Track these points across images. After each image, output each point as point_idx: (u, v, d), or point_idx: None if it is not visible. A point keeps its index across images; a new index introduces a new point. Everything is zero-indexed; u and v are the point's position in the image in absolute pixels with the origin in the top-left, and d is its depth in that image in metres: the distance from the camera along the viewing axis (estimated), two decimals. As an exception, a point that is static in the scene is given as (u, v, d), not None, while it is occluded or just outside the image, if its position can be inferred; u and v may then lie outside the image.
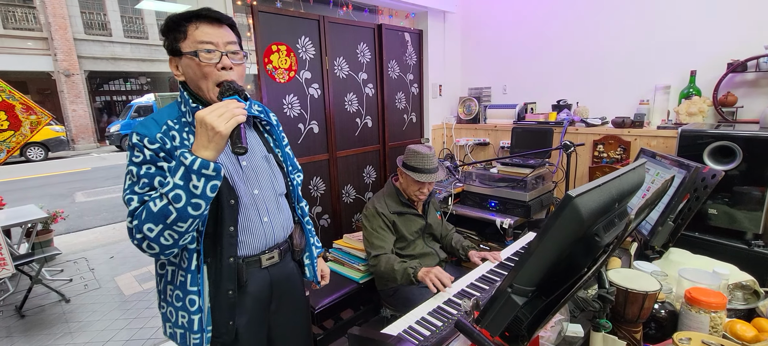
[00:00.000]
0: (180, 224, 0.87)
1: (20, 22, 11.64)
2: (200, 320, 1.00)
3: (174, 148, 0.95)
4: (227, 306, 1.04)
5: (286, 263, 1.20)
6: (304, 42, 2.34)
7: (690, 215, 1.39)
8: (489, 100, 3.33)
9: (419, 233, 1.95)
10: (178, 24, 0.97)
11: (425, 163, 1.80)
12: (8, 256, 2.22)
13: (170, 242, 0.89)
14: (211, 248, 1.02)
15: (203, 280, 1.01)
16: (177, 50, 0.98)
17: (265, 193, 1.11)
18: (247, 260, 1.08)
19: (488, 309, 0.69)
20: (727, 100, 2.13)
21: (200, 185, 0.86)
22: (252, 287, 1.10)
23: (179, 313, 1.02)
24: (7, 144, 1.94)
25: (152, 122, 0.97)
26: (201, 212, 0.88)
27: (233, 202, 1.02)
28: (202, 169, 0.85)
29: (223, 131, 0.85)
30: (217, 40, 0.97)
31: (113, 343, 2.52)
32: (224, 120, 0.85)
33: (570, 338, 0.97)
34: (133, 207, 0.90)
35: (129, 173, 0.94)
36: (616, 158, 2.46)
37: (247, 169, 1.08)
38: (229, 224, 1.01)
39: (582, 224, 0.57)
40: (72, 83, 12.36)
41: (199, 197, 0.86)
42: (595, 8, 2.65)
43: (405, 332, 1.18)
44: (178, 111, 1.02)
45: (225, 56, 0.97)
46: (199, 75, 0.97)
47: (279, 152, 1.20)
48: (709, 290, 1.01)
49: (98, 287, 3.31)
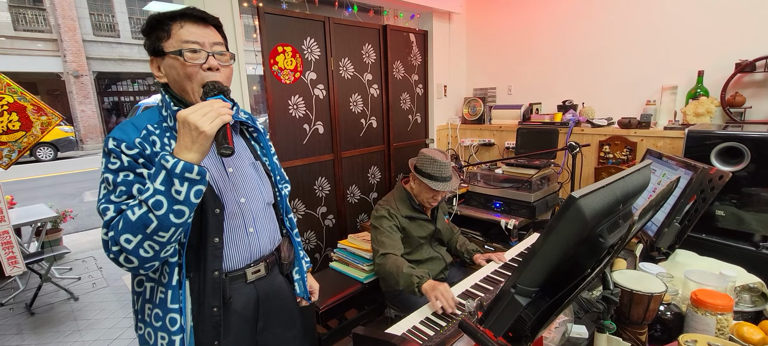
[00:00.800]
0: (161, 234, 0.80)
1: (30, 23, 11.82)
2: (182, 340, 0.91)
3: (154, 154, 0.88)
4: (212, 325, 0.95)
5: (273, 277, 1.11)
6: (309, 43, 2.35)
7: (696, 217, 1.38)
8: (494, 100, 3.32)
9: (427, 239, 1.94)
10: (162, 23, 0.91)
11: (442, 171, 1.74)
12: (19, 254, 2.26)
13: (150, 254, 0.81)
14: (194, 261, 0.94)
15: (185, 296, 0.92)
16: (159, 50, 0.91)
17: (253, 202, 1.03)
18: (230, 274, 0.99)
19: (492, 310, 0.69)
20: (735, 101, 2.11)
21: (183, 190, 0.78)
22: (237, 303, 1.00)
23: (159, 334, 0.92)
24: (18, 144, 1.97)
25: (130, 126, 0.90)
26: (184, 220, 0.81)
27: (218, 211, 0.94)
28: (185, 172, 0.78)
29: (208, 131, 0.79)
30: (202, 39, 0.92)
31: (120, 341, 2.55)
32: (209, 119, 0.79)
33: (574, 339, 0.97)
34: (108, 217, 0.82)
35: (104, 182, 0.86)
36: (623, 159, 2.45)
37: (233, 177, 1.00)
38: (213, 235, 0.94)
39: (586, 225, 0.58)
40: (81, 84, 12.52)
41: (182, 204, 0.79)
42: (601, 8, 2.63)
43: (409, 332, 1.19)
44: (159, 115, 0.96)
45: (211, 57, 0.92)
46: (183, 76, 0.91)
47: (266, 160, 1.14)
48: (715, 292, 1.01)
49: (106, 286, 3.35)
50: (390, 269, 1.65)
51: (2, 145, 1.94)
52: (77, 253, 4.13)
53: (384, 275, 1.74)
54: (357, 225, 2.82)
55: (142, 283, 0.96)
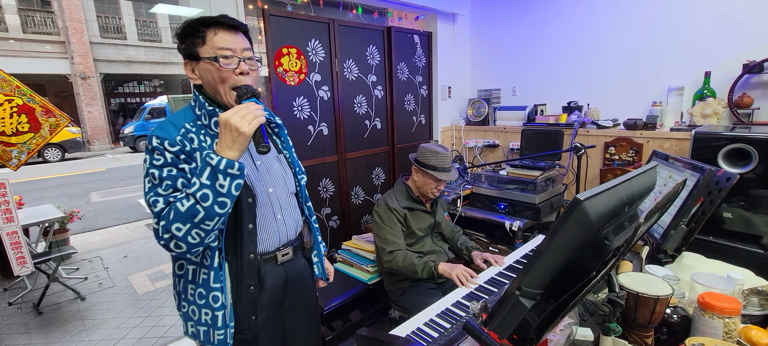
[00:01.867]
0: (207, 223, 0.91)
1: (39, 26, 11.97)
2: (223, 316, 1.03)
3: (193, 150, 0.98)
4: (249, 302, 1.07)
5: (298, 260, 1.24)
6: (314, 45, 2.36)
7: (703, 219, 1.37)
8: (498, 102, 3.31)
9: (428, 231, 1.96)
10: (197, 29, 1.00)
11: (445, 162, 1.85)
12: (28, 254, 2.29)
13: (197, 240, 0.92)
14: (231, 245, 1.05)
15: (225, 277, 1.04)
16: (195, 55, 1.00)
17: (279, 191, 1.15)
18: (264, 256, 1.11)
19: (496, 312, 0.69)
20: (742, 102, 2.09)
21: (226, 184, 0.90)
22: (269, 283, 1.13)
23: (202, 310, 1.04)
24: (27, 146, 2.00)
25: (170, 125, 0.99)
26: (226, 210, 0.92)
27: (251, 200, 1.05)
28: (227, 168, 0.89)
29: (247, 132, 0.90)
30: (234, 46, 1.00)
31: (127, 340, 2.57)
32: (247, 121, 0.90)
33: (579, 342, 0.96)
34: (159, 209, 0.93)
35: (149, 176, 0.96)
36: (628, 161, 2.43)
37: (261, 169, 1.12)
38: (248, 222, 1.05)
39: (591, 228, 0.57)
40: (88, 86, 12.66)
41: (224, 196, 0.90)
42: (606, 8, 2.62)
43: (413, 333, 1.18)
44: (193, 114, 1.05)
45: (242, 62, 1.01)
46: (217, 79, 1.00)
47: (287, 154, 1.24)
48: (722, 295, 0.99)
49: (112, 286, 3.38)
50: (403, 264, 1.76)
51: (12, 147, 1.96)
52: (84, 253, 4.17)
53: (397, 270, 1.82)
54: (361, 226, 2.83)
55: (183, 266, 1.06)
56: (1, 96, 1.91)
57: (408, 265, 1.76)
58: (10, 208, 2.21)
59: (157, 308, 2.96)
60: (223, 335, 1.03)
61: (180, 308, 1.10)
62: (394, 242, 1.82)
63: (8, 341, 2.61)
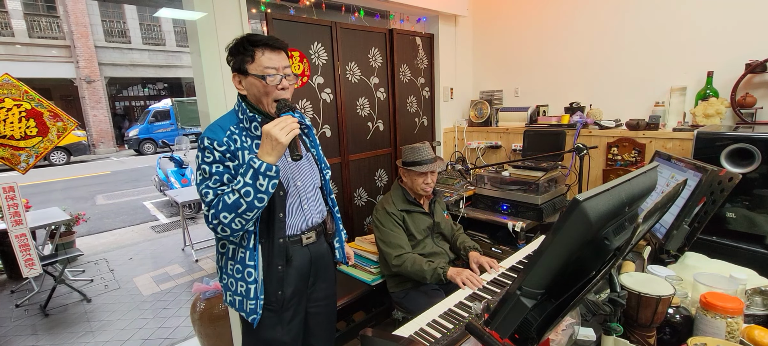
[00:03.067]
0: (248, 213, 1.10)
1: (45, 31, 12.09)
2: (255, 289, 1.22)
3: (236, 149, 1.17)
4: (277, 279, 1.25)
5: (321, 243, 1.40)
6: (316, 48, 2.38)
7: (706, 219, 1.37)
8: (501, 103, 3.32)
9: (428, 232, 1.97)
10: (247, 48, 1.17)
11: (423, 154, 1.90)
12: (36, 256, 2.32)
13: (239, 227, 1.12)
14: (265, 230, 1.24)
15: (258, 256, 1.23)
16: (244, 70, 1.18)
17: (306, 185, 1.32)
18: (292, 239, 1.29)
19: (498, 311, 0.70)
20: (745, 102, 2.09)
21: (265, 184, 1.09)
22: (296, 261, 1.31)
23: (238, 283, 1.24)
24: (35, 149, 2.03)
25: (218, 128, 1.18)
26: (264, 204, 1.11)
27: (282, 193, 1.23)
28: (266, 171, 1.08)
29: (284, 142, 1.08)
30: (278, 65, 1.18)
31: (132, 342, 2.59)
32: (285, 133, 1.08)
33: (581, 342, 0.97)
34: (210, 199, 1.13)
35: (201, 171, 1.15)
36: (631, 161, 2.43)
37: (291, 164, 1.29)
38: (279, 211, 1.23)
39: (590, 228, 0.58)
40: (93, 89, 12.76)
41: (263, 193, 1.10)
42: (608, 8, 2.62)
43: (416, 333, 1.19)
44: (237, 118, 1.23)
45: (284, 79, 1.19)
46: (262, 93, 1.18)
47: (314, 152, 1.40)
48: (725, 295, 1.00)
49: (118, 288, 3.41)
50: (412, 269, 1.80)
51: (21, 151, 2.00)
52: (90, 255, 4.21)
53: (406, 274, 1.84)
54: (364, 228, 2.84)
55: (226, 246, 1.26)
56: (10, 101, 1.94)
57: (417, 270, 1.77)
58: (19, 211, 2.24)
59: (163, 310, 2.98)
60: (254, 305, 1.23)
61: (221, 279, 1.31)
62: (399, 245, 1.84)
63: (16, 342, 2.64)
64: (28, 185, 8.20)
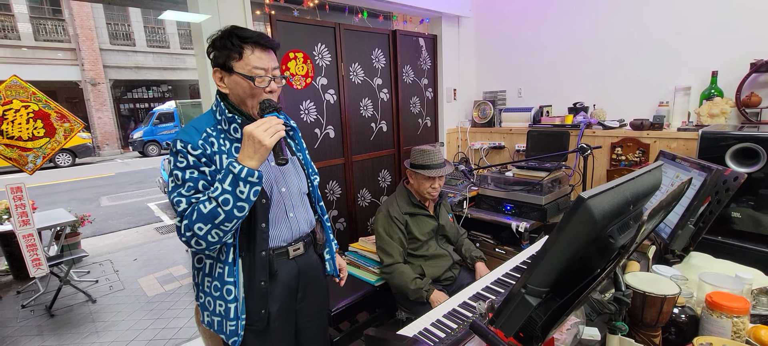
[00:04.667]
0: (226, 224, 0.98)
1: (50, 34, 12.20)
2: (236, 308, 1.09)
3: (213, 153, 1.05)
4: (260, 296, 1.13)
5: (310, 255, 1.29)
6: (320, 49, 2.39)
7: (711, 219, 1.36)
8: (504, 103, 3.32)
9: (432, 234, 1.97)
10: (235, 44, 1.05)
11: (433, 159, 1.88)
12: (43, 256, 2.34)
13: (216, 239, 1.00)
14: (245, 243, 1.12)
15: (238, 272, 1.10)
16: (229, 67, 1.06)
17: (291, 191, 1.22)
18: (276, 251, 1.17)
19: (502, 310, 0.70)
20: (750, 101, 2.07)
21: (246, 191, 0.97)
22: (282, 275, 1.19)
23: (217, 302, 1.11)
24: (43, 150, 2.05)
25: (193, 130, 1.06)
26: (244, 213, 0.99)
27: (265, 201, 1.12)
28: (248, 177, 0.96)
29: (268, 145, 0.96)
30: (267, 66, 1.08)
31: (137, 342, 2.61)
32: (269, 135, 0.96)
33: (586, 342, 0.97)
34: (182, 208, 1.00)
35: (173, 177, 1.03)
36: (635, 161, 2.42)
37: (275, 169, 1.19)
38: (261, 221, 1.11)
39: (595, 226, 0.58)
40: (98, 92, 12.87)
41: (243, 201, 0.98)
42: (612, 8, 2.62)
43: (420, 333, 1.19)
44: (214, 119, 1.11)
45: (272, 81, 1.09)
46: (248, 94, 1.08)
47: (300, 156, 1.30)
48: (731, 295, 0.99)
49: (123, 289, 3.43)
50: (398, 283, 1.80)
51: (28, 152, 2.02)
52: (95, 256, 4.23)
53: (391, 285, 1.87)
54: (368, 228, 2.84)
55: (202, 260, 1.14)
56: (18, 102, 1.97)
57: (401, 284, 1.80)
58: (26, 211, 2.26)
59: (167, 310, 3.00)
60: (235, 326, 1.10)
61: (198, 298, 1.18)
62: (390, 254, 1.86)
63: (23, 342, 2.66)
64: (34, 186, 8.26)
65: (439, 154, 1.91)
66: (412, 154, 1.94)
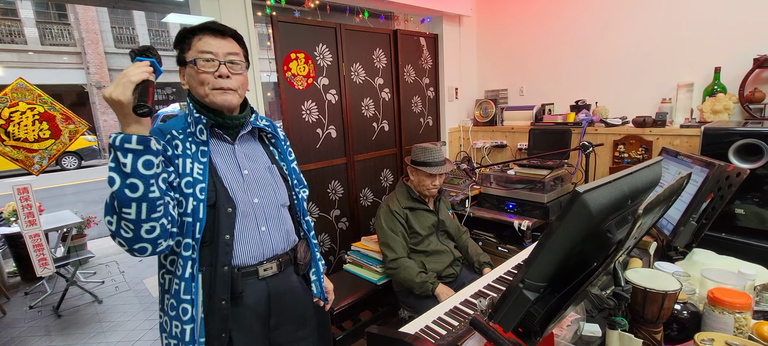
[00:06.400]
0: (126, 211, 0.82)
1: (56, 38, 12.33)
2: (192, 330, 0.96)
3: (175, 156, 0.96)
4: (220, 317, 1.01)
5: (286, 276, 1.14)
6: (321, 49, 2.40)
7: (714, 215, 1.35)
8: (506, 102, 3.31)
9: (432, 229, 1.98)
10: (185, 36, 1.01)
11: (434, 156, 1.90)
12: (49, 256, 2.37)
13: (130, 235, 0.85)
14: (207, 256, 1.00)
15: (197, 289, 0.98)
16: (183, 60, 1.02)
17: (266, 202, 1.09)
18: (242, 269, 1.04)
19: (501, 305, 0.70)
20: (754, 97, 2.06)
21: (128, 162, 0.81)
22: (249, 298, 1.06)
23: (173, 323, 0.98)
24: (48, 152, 2.08)
25: (158, 131, 0.99)
26: (141, 195, 0.82)
27: (230, 210, 1.01)
28: (124, 143, 0.80)
29: (123, 99, 0.79)
30: (216, 50, 0.99)
31: (142, 342, 2.63)
32: (121, 88, 0.80)
33: (587, 338, 0.97)
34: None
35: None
36: (638, 158, 2.41)
37: (247, 178, 1.07)
38: (224, 233, 1.00)
39: (591, 220, 0.58)
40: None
41: (132, 176, 0.81)
42: (613, 5, 2.61)
43: (422, 331, 1.20)
44: (184, 121, 1.03)
45: (223, 65, 0.99)
46: (197, 82, 0.99)
47: (284, 165, 1.20)
48: (733, 291, 0.99)
49: (128, 289, 3.46)
50: (403, 277, 1.81)
51: (34, 153, 2.05)
52: (101, 257, 4.27)
53: (397, 280, 1.87)
54: (370, 227, 2.85)
55: (164, 276, 1.02)
56: (24, 104, 1.99)
57: (407, 278, 1.81)
58: (32, 212, 2.29)
59: (172, 311, 3.02)
60: None
61: (159, 317, 1.05)
62: (394, 249, 1.86)
63: (31, 342, 2.70)
64: (41, 189, 8.35)
65: (440, 152, 1.93)
66: (413, 151, 1.96)
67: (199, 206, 0.96)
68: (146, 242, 0.87)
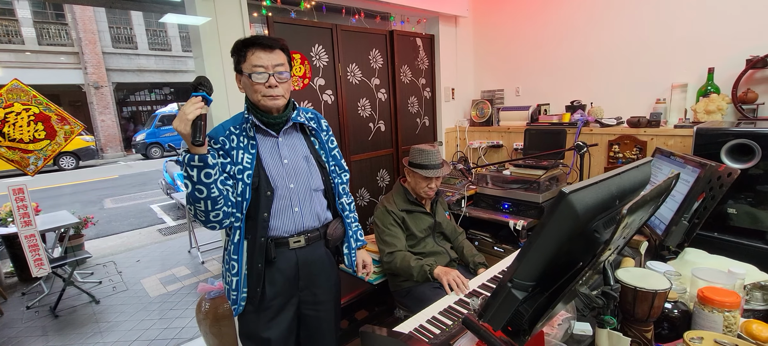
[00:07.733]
0: (197, 205, 1.13)
1: (54, 38, 12.29)
2: (237, 282, 1.27)
3: (231, 148, 1.22)
4: (257, 276, 1.27)
5: (314, 249, 1.37)
6: (317, 50, 2.41)
7: (706, 215, 1.37)
8: (502, 102, 3.32)
9: (429, 231, 1.98)
10: (240, 49, 1.22)
11: (431, 159, 1.90)
12: (45, 256, 2.37)
13: (203, 218, 1.16)
14: (251, 228, 1.26)
15: (242, 252, 1.26)
16: (240, 70, 1.24)
17: (300, 187, 1.32)
18: (276, 240, 1.29)
19: (490, 304, 0.71)
20: (747, 98, 2.08)
21: (194, 174, 1.09)
22: (281, 264, 1.31)
23: (227, 274, 1.31)
24: (44, 152, 2.08)
25: (220, 127, 1.25)
26: (206, 196, 1.11)
27: (269, 193, 1.26)
28: (189, 162, 1.08)
29: (183, 131, 1.04)
30: (266, 63, 1.20)
31: (140, 342, 2.63)
32: (183, 124, 1.04)
33: (578, 336, 0.98)
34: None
35: None
36: (632, 158, 2.42)
37: (287, 167, 1.30)
38: (263, 211, 1.25)
39: (578, 220, 0.59)
40: (101, 95, 12.94)
41: (197, 183, 1.10)
42: (608, 6, 2.62)
43: (416, 330, 1.20)
44: (242, 119, 1.27)
45: (272, 77, 1.20)
46: (251, 90, 1.22)
47: (323, 154, 1.40)
48: (722, 290, 1.00)
49: (126, 289, 3.46)
50: (400, 265, 1.80)
51: (29, 154, 2.05)
52: (98, 258, 4.27)
53: (395, 271, 1.86)
54: (367, 227, 2.85)
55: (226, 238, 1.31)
56: (19, 105, 2.00)
57: (405, 266, 1.80)
58: (28, 212, 2.29)
59: (169, 311, 3.02)
60: (236, 297, 1.29)
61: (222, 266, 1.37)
62: (392, 243, 1.86)
63: (27, 342, 2.69)
64: (38, 189, 8.33)
65: (438, 154, 1.93)
66: (411, 152, 1.96)
67: (246, 189, 1.22)
68: (214, 222, 1.18)
